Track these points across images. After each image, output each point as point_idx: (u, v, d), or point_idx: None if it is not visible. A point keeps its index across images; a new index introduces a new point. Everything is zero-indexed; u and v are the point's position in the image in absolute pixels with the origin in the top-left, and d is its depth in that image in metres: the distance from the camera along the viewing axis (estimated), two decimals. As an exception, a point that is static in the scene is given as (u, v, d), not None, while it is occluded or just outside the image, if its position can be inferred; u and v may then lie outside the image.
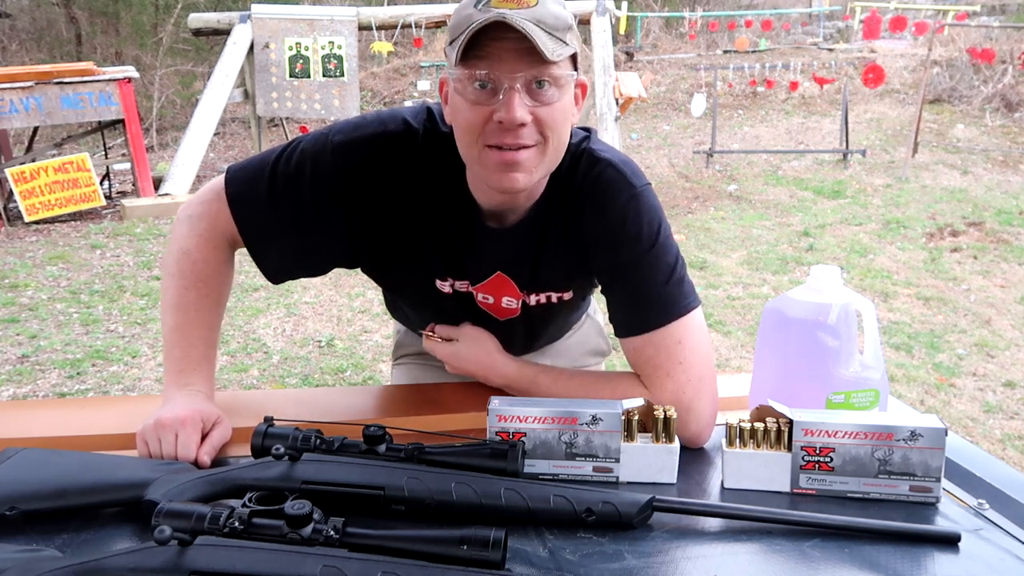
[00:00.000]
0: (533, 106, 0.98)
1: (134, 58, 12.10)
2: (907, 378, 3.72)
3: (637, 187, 1.12)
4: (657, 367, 1.10)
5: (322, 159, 1.12)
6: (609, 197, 1.11)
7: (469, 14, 0.97)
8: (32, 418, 1.19)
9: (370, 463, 0.88)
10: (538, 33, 0.94)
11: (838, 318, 1.04)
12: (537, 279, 1.19)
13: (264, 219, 1.15)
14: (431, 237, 1.16)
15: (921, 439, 0.91)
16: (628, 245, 1.10)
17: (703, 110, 8.96)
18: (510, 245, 1.16)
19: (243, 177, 1.16)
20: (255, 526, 0.74)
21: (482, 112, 0.98)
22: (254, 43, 7.92)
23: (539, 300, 1.22)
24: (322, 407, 1.22)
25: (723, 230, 6.26)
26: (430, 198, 1.14)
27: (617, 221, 1.10)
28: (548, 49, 0.94)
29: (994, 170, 7.89)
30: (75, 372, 3.83)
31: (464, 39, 0.95)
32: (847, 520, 0.86)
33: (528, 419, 0.95)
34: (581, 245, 1.14)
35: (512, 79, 0.96)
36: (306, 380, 3.79)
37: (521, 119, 0.97)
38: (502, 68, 0.96)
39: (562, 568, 0.79)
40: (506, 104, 0.97)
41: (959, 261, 5.47)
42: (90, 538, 0.84)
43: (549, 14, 0.96)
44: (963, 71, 10.15)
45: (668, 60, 12.14)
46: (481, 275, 1.19)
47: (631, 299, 1.13)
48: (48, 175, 6.51)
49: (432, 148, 1.11)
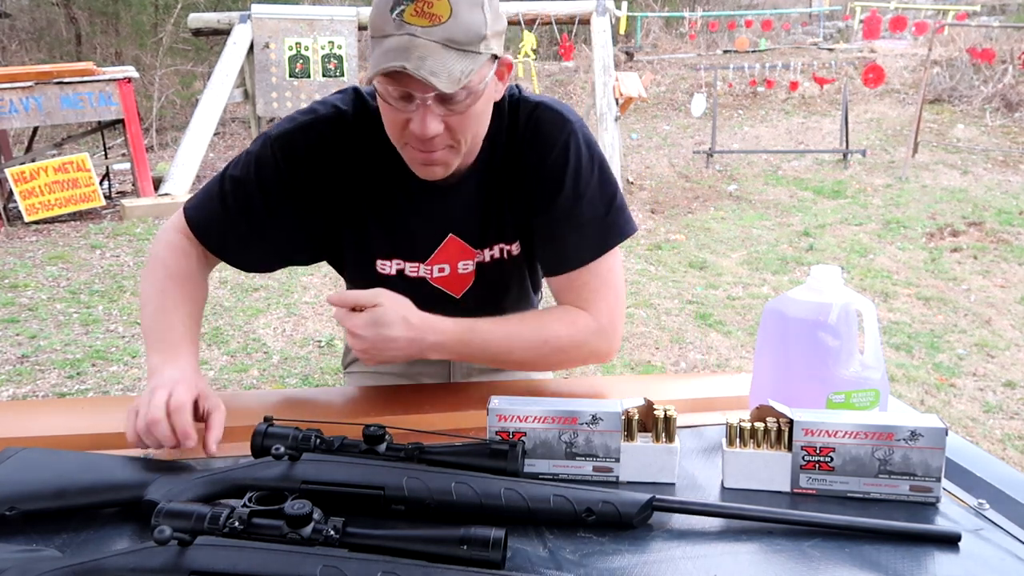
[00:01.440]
0: (446, 115, 1.04)
1: (134, 58, 12.10)
2: (907, 378, 3.72)
3: (574, 122, 1.19)
4: (593, 291, 1.20)
5: (264, 155, 1.19)
6: (550, 136, 1.17)
7: (383, 22, 1.00)
8: (32, 418, 1.19)
9: (370, 463, 0.88)
10: (445, 61, 0.98)
11: (838, 318, 1.04)
12: (487, 232, 1.24)
13: (223, 227, 1.22)
14: (374, 212, 1.21)
15: (921, 439, 0.91)
16: (573, 177, 1.17)
17: (703, 110, 8.95)
18: (456, 202, 1.21)
19: (198, 202, 1.24)
20: (255, 526, 0.74)
21: (401, 116, 1.05)
22: (254, 43, 7.92)
23: (492, 255, 1.26)
24: (322, 407, 1.22)
25: (723, 230, 6.26)
26: (370, 173, 1.19)
27: (560, 157, 1.17)
28: (454, 80, 0.98)
29: (994, 170, 7.89)
30: (75, 372, 3.83)
31: (376, 70, 0.99)
32: (847, 520, 0.86)
33: (528, 418, 0.95)
34: (526, 187, 1.19)
35: (424, 97, 1.01)
36: (306, 380, 3.79)
37: (433, 133, 1.04)
38: (414, 86, 1.00)
39: (562, 568, 0.79)
40: (419, 120, 1.03)
41: (959, 261, 5.47)
42: (90, 538, 0.84)
43: (460, 29, 0.99)
44: (963, 71, 10.15)
45: (668, 60, 12.14)
46: (432, 244, 1.23)
47: (576, 231, 1.19)
48: (48, 175, 6.51)
49: (364, 126, 1.17)
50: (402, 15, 0.98)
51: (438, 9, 0.97)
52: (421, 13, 0.98)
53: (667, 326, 4.40)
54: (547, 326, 1.19)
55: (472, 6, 1.00)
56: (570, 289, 1.22)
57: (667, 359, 4.00)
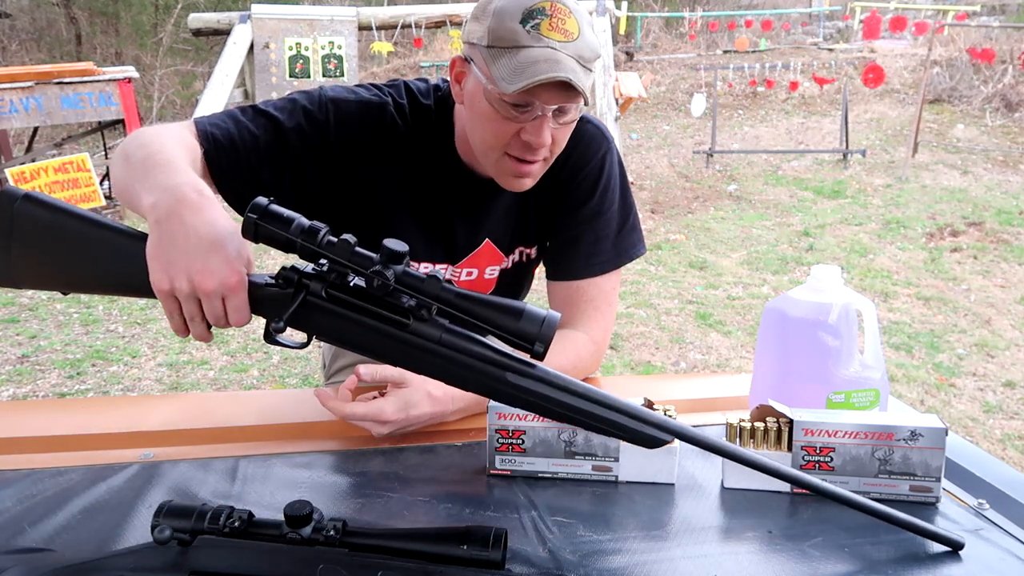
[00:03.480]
0: (554, 128, 1.07)
1: (134, 58, 12.11)
2: (907, 378, 3.72)
3: (610, 140, 1.26)
4: (596, 307, 1.23)
5: (314, 111, 1.12)
6: (590, 149, 1.23)
7: (513, 33, 0.99)
8: (32, 418, 1.19)
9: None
10: (579, 74, 1.00)
11: (838, 318, 1.04)
12: (515, 234, 1.27)
13: (233, 150, 1.07)
14: (414, 212, 1.20)
15: (921, 439, 0.91)
16: (603, 193, 1.23)
17: (703, 110, 8.96)
18: (497, 207, 1.23)
19: (213, 117, 1.10)
20: (255, 526, 0.74)
21: (511, 127, 1.06)
22: (254, 43, 7.92)
23: (514, 259, 1.30)
24: (322, 406, 1.22)
25: (723, 230, 6.26)
26: (417, 173, 1.18)
27: (595, 171, 1.23)
28: (585, 88, 1.01)
29: (994, 170, 7.89)
30: (75, 372, 3.83)
31: (536, 79, 0.97)
32: (860, 500, 0.85)
33: (528, 417, 0.95)
34: (559, 195, 1.24)
35: (547, 108, 1.03)
36: (306, 380, 3.79)
37: (547, 143, 1.06)
38: (541, 98, 1.02)
39: (562, 568, 0.79)
40: (536, 130, 1.04)
41: (959, 261, 5.47)
42: (90, 538, 0.83)
43: (587, 47, 1.02)
44: (963, 71, 10.15)
45: (668, 60, 12.14)
46: (469, 247, 1.24)
47: (596, 243, 1.24)
48: (48, 175, 6.50)
49: (419, 124, 1.17)
50: (538, 28, 0.99)
51: (570, 26, 1.01)
52: (556, 28, 1.00)
53: (667, 326, 4.40)
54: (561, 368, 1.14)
55: (589, 26, 1.04)
56: (575, 300, 1.24)
57: (667, 359, 4.00)
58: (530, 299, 1.45)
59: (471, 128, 1.11)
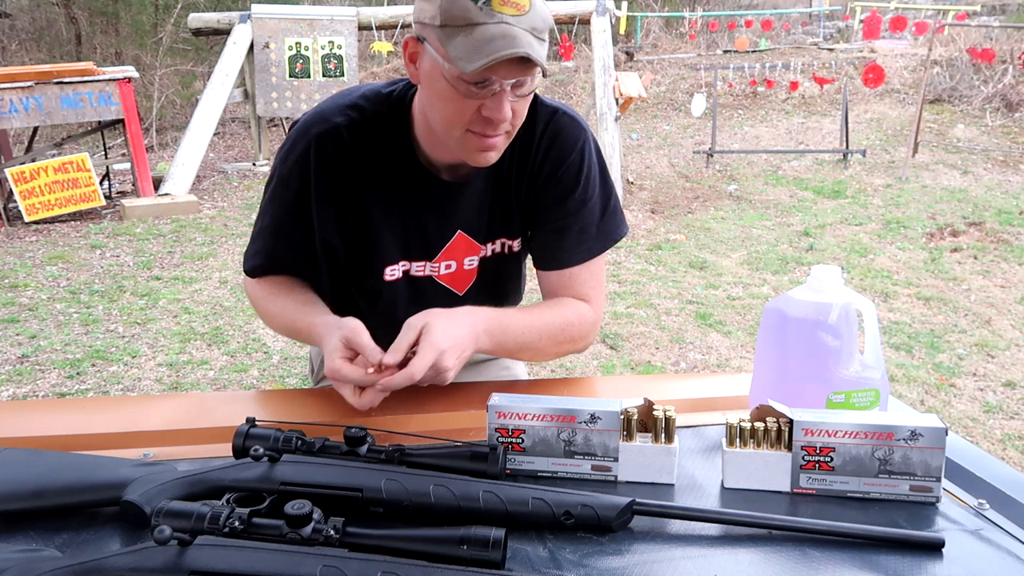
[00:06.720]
0: (513, 101, 1.08)
1: (134, 58, 12.10)
2: (907, 378, 3.72)
3: (587, 131, 1.28)
4: (590, 288, 1.29)
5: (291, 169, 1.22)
6: (568, 142, 1.25)
7: (465, 11, 1.00)
8: (32, 418, 1.19)
9: (349, 464, 0.87)
10: (535, 47, 1.02)
11: (838, 318, 1.04)
12: (492, 227, 1.29)
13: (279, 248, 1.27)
14: (387, 213, 1.23)
15: (921, 439, 0.91)
16: (586, 183, 1.26)
17: (703, 110, 8.95)
18: (467, 198, 1.24)
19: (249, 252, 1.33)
20: (255, 526, 0.74)
21: (471, 104, 1.07)
22: (254, 43, 7.92)
23: (494, 249, 1.31)
24: (321, 407, 1.22)
25: (723, 230, 6.26)
26: (379, 180, 1.21)
27: (576, 163, 1.25)
28: (540, 58, 1.03)
29: (994, 170, 7.89)
30: (75, 372, 3.83)
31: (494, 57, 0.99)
32: (828, 524, 0.85)
33: (527, 416, 0.95)
34: (538, 187, 1.26)
35: (505, 83, 1.05)
36: (306, 380, 3.79)
37: (508, 116, 1.08)
38: (499, 73, 1.03)
39: (562, 568, 0.79)
40: (497, 105, 1.06)
41: (959, 261, 5.47)
42: (90, 538, 0.83)
43: (539, 18, 1.04)
44: (963, 71, 10.15)
45: (668, 60, 12.14)
46: (442, 241, 1.26)
47: (580, 232, 1.27)
48: (48, 175, 6.51)
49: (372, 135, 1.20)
50: (490, 4, 1.00)
51: None
52: (508, 3, 1.00)
53: (667, 326, 4.40)
54: (565, 317, 1.26)
55: None
56: (569, 285, 1.29)
57: (667, 359, 4.00)
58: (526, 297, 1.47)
59: (430, 108, 1.12)
